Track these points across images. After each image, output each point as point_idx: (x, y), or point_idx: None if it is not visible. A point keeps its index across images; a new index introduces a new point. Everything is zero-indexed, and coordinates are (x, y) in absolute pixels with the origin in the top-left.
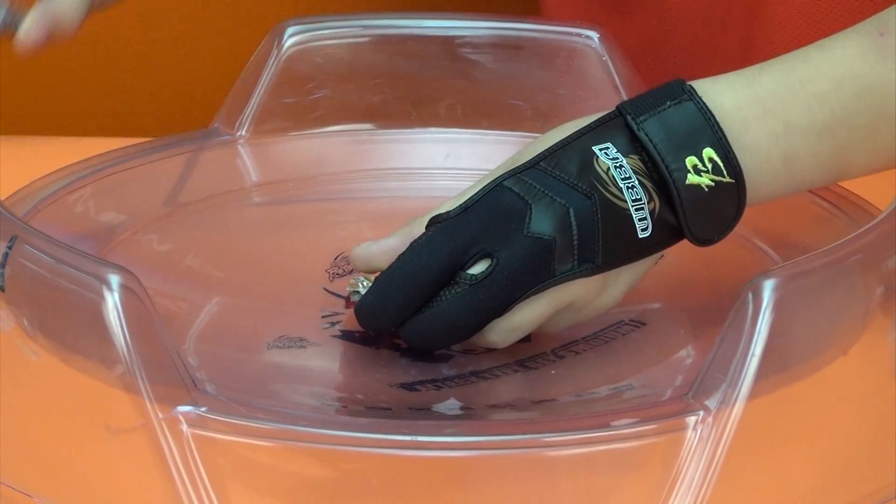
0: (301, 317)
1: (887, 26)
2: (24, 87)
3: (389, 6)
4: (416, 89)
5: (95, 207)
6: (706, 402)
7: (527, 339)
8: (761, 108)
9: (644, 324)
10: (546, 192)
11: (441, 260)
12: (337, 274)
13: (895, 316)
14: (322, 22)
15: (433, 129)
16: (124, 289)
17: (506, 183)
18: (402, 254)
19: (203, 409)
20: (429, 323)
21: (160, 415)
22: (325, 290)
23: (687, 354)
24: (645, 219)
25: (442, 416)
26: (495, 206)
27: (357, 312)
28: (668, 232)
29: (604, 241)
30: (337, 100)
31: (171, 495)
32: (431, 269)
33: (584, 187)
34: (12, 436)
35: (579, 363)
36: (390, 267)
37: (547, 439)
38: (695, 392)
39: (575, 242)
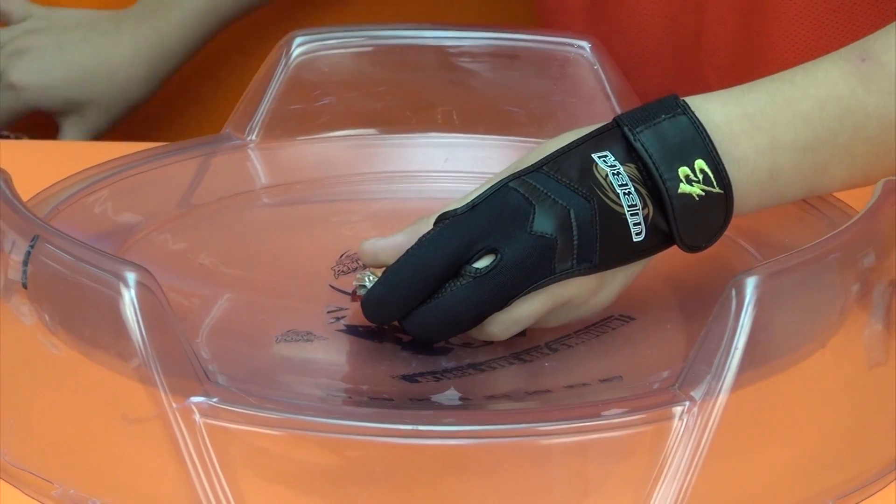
0: (308, 312)
1: (869, 52)
2: None
3: (392, 18)
4: (417, 96)
5: (113, 208)
6: (692, 393)
7: (522, 332)
8: (749, 124)
9: (633, 318)
10: (549, 193)
11: (448, 254)
12: (342, 271)
13: (871, 311)
14: (328, 33)
15: (433, 134)
16: (140, 285)
17: (511, 184)
18: (411, 248)
19: (215, 399)
20: (433, 314)
21: (174, 405)
22: (331, 286)
23: (674, 348)
24: (639, 223)
25: (441, 407)
26: (501, 204)
27: (364, 304)
28: (659, 237)
29: (601, 243)
30: (342, 106)
31: (184, 482)
32: (438, 262)
33: (584, 191)
34: (34, 425)
35: (572, 356)
36: (398, 260)
37: (541, 428)
38: (681, 383)
39: (575, 242)
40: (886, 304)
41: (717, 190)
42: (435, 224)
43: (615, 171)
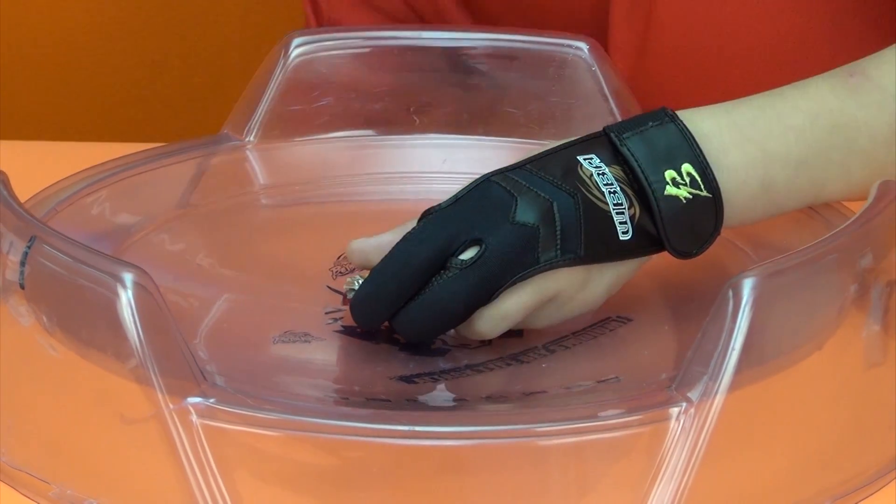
0: (305, 313)
1: (857, 69)
2: (45, 95)
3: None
4: (415, 97)
5: (111, 209)
6: (688, 394)
7: (519, 334)
8: (739, 135)
9: (630, 320)
10: (531, 187)
11: (433, 247)
12: (340, 272)
13: (868, 312)
14: (326, 34)
15: (431, 135)
16: (138, 286)
17: (493, 178)
18: (396, 244)
19: (212, 400)
20: (421, 309)
21: (171, 406)
22: (329, 287)
23: (671, 349)
24: (625, 222)
25: (438, 407)
26: (484, 197)
27: (352, 306)
28: (647, 240)
29: (586, 235)
30: (340, 107)
31: (181, 483)
32: (423, 255)
33: (567, 187)
34: (31, 426)
35: (569, 357)
36: (385, 257)
37: (538, 429)
38: (678, 384)
39: (558, 233)
40: (884, 305)
41: (704, 193)
42: (419, 220)
43: (600, 172)
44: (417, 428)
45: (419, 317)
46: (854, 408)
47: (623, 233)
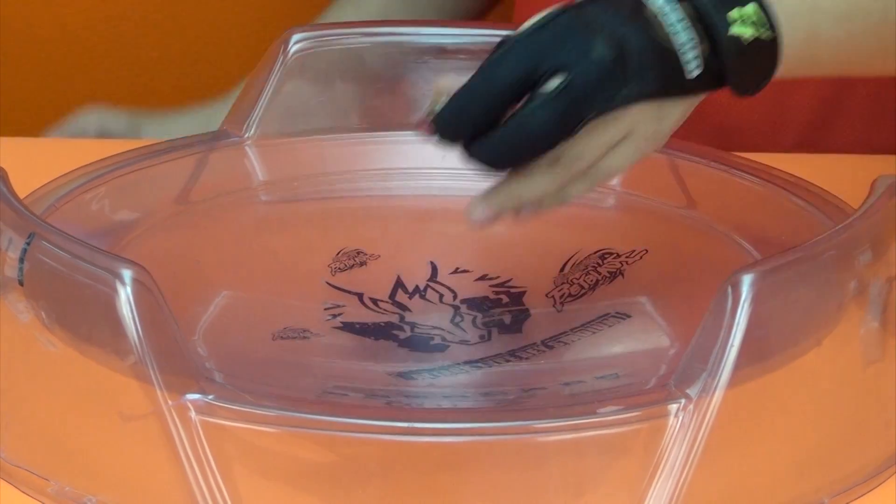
0: (304, 309)
1: None
2: (45, 91)
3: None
4: (414, 93)
5: (110, 205)
6: (687, 391)
7: (518, 331)
8: None
9: (629, 316)
10: (605, 25)
11: (517, 71)
12: (339, 268)
13: (867, 308)
14: (326, 30)
15: None
16: (136, 283)
17: (569, 13)
18: (480, 66)
19: (210, 396)
20: (505, 135)
21: (170, 402)
22: (328, 283)
23: (669, 345)
24: (697, 58)
25: (437, 404)
26: (561, 30)
27: (438, 118)
28: (712, 77)
29: (659, 71)
30: (339, 103)
31: (180, 479)
32: (509, 79)
33: (640, 22)
34: (30, 422)
35: (568, 353)
36: (471, 78)
37: (536, 426)
38: (677, 381)
39: (632, 69)
40: (883, 302)
41: (767, 33)
42: (496, 48)
43: (665, 11)
44: (416, 424)
45: (507, 141)
46: (852, 404)
47: (694, 68)
